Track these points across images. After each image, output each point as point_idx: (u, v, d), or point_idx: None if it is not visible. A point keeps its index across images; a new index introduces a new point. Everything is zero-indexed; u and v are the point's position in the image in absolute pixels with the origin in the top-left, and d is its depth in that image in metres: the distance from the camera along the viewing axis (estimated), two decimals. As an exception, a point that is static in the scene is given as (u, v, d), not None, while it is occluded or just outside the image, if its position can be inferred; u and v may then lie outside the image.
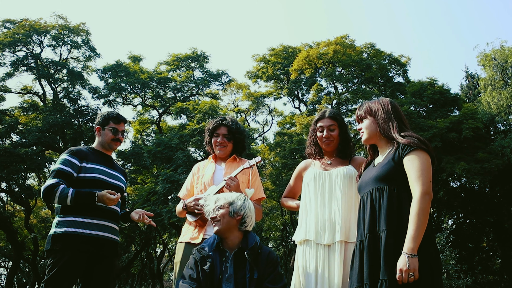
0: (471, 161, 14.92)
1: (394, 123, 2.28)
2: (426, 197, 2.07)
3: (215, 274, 2.48)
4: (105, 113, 3.20)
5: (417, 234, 2.02)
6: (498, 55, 16.64)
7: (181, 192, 3.36)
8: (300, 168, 2.99)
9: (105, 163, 3.10)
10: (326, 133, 2.79)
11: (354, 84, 19.53)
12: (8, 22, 17.98)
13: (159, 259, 25.77)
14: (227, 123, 3.28)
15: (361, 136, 2.43)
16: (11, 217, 18.93)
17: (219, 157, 3.32)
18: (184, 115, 18.63)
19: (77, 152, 3.01)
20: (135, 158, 18.34)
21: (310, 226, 2.68)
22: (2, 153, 15.58)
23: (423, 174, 2.10)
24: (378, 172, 2.23)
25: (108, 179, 3.03)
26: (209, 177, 3.18)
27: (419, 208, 2.05)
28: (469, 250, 20.01)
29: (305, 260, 2.63)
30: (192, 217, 3.07)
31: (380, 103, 2.37)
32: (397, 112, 2.34)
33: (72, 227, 2.80)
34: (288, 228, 23.83)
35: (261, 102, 21.31)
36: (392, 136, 2.27)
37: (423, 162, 2.13)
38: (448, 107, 17.62)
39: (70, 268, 2.73)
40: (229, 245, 2.58)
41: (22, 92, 19.23)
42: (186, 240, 3.07)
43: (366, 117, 2.39)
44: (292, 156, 16.70)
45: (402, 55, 20.28)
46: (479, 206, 19.12)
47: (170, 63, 20.71)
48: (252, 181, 3.20)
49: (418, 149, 2.16)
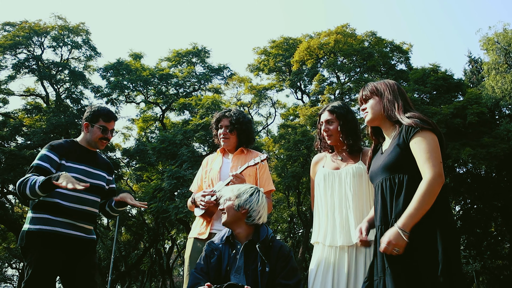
0: (477, 146, 14.85)
1: (400, 103, 2.22)
2: (438, 180, 1.97)
3: (222, 267, 2.48)
4: (95, 109, 3.02)
5: (416, 213, 1.94)
6: (501, 39, 16.50)
7: (193, 187, 3.36)
8: (313, 164, 2.94)
9: (87, 161, 2.95)
10: (325, 127, 2.77)
11: (357, 73, 19.46)
12: (8, 25, 18.01)
13: (168, 255, 25.93)
14: (229, 115, 3.25)
15: (364, 117, 2.35)
16: (19, 219, 19.07)
17: (227, 150, 3.31)
18: (187, 111, 18.64)
19: (57, 148, 2.87)
20: (140, 156, 18.39)
21: (321, 228, 2.65)
22: (8, 155, 15.67)
23: (432, 156, 2.01)
24: (386, 161, 2.16)
25: (87, 179, 2.88)
26: (216, 172, 3.18)
27: (427, 189, 1.96)
28: (477, 235, 19.99)
29: (315, 262, 2.60)
30: (199, 211, 3.07)
31: (386, 84, 2.32)
32: (402, 93, 2.28)
33: (47, 225, 2.70)
34: (295, 220, 23.87)
35: (263, 94, 21.27)
36: (396, 117, 2.19)
37: (430, 142, 2.04)
38: (451, 93, 17.51)
39: (48, 266, 2.66)
40: (239, 238, 2.57)
41: (25, 94, 19.30)
42: (194, 236, 3.08)
43: (371, 97, 2.32)
44: (296, 147, 16.69)
45: (404, 42, 20.23)
46: (486, 191, 19.05)
47: (171, 59, 20.69)
48: (260, 174, 3.17)
49: (423, 129, 2.07)
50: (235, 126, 3.22)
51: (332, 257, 2.53)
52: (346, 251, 2.51)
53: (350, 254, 2.50)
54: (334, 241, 2.55)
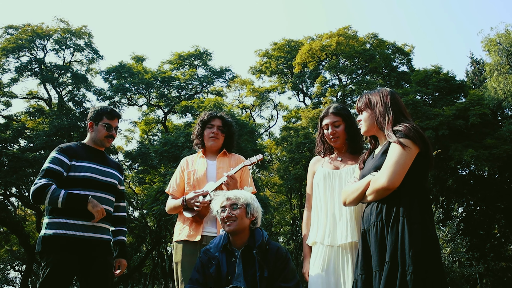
0: (479, 148, 14.81)
1: (391, 116, 2.24)
2: (386, 191, 2.08)
3: (222, 275, 2.46)
4: (99, 108, 3.07)
5: (353, 190, 2.24)
6: (503, 40, 16.47)
7: (170, 188, 3.29)
8: (311, 164, 2.92)
9: (96, 159, 2.98)
10: (332, 130, 2.74)
11: (358, 75, 19.46)
12: (10, 28, 18.07)
13: (170, 257, 25.91)
14: (221, 116, 3.31)
15: (359, 128, 2.43)
16: (22, 221, 19.10)
17: (209, 151, 3.30)
18: (189, 114, 18.65)
19: (67, 150, 2.91)
20: (142, 158, 18.40)
21: (319, 227, 2.63)
22: (10, 158, 15.71)
23: (395, 167, 2.07)
24: (375, 164, 2.23)
25: (100, 177, 2.92)
26: (202, 173, 3.15)
27: (372, 190, 2.13)
28: (481, 237, 19.90)
29: (315, 263, 2.58)
30: (189, 213, 3.02)
31: (379, 94, 2.33)
32: (396, 103, 2.29)
33: (62, 229, 2.73)
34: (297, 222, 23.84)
35: (265, 97, 21.30)
36: (385, 131, 2.24)
37: (401, 154, 2.08)
38: (454, 94, 17.48)
39: (63, 269, 2.69)
40: (237, 244, 2.56)
41: (28, 97, 19.36)
42: (183, 239, 3.03)
43: (365, 110, 2.37)
44: (299, 150, 16.69)
45: (406, 43, 20.20)
46: (489, 192, 18.99)
47: (173, 62, 20.72)
48: (243, 176, 3.18)
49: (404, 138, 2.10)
50: (228, 128, 3.29)
51: (332, 257, 2.52)
52: (346, 251, 2.50)
53: (349, 253, 2.49)
54: (334, 240, 2.53)
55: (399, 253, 1.98)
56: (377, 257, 2.06)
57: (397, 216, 2.05)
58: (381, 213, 2.11)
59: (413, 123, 2.22)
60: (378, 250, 2.07)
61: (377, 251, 2.07)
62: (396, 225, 2.04)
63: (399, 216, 2.04)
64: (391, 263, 1.98)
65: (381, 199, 2.13)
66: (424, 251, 1.96)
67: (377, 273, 2.03)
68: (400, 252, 1.97)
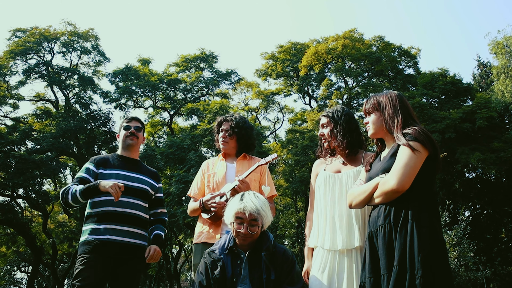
0: (486, 151, 14.72)
1: (400, 118, 2.24)
2: (395, 194, 2.07)
3: (227, 278, 2.45)
4: (121, 121, 3.32)
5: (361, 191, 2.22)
6: (510, 42, 16.39)
7: (192, 191, 3.36)
8: (315, 166, 2.93)
9: (127, 167, 3.14)
10: (321, 131, 2.80)
11: (364, 78, 19.42)
12: (18, 31, 18.26)
13: (176, 259, 25.93)
14: (230, 119, 3.29)
15: (367, 130, 2.41)
16: (29, 223, 19.21)
17: (228, 155, 3.31)
18: (195, 116, 18.71)
19: (96, 159, 3.13)
20: (148, 160, 18.44)
21: (320, 231, 2.63)
22: (18, 160, 15.83)
23: (404, 169, 2.06)
24: (383, 167, 2.22)
25: (127, 183, 3.01)
26: (221, 176, 3.18)
27: (381, 191, 2.12)
28: (488, 241, 19.75)
29: (316, 267, 2.57)
30: (206, 214, 3.07)
31: (388, 97, 2.33)
32: (404, 106, 2.30)
33: (92, 234, 2.89)
34: (303, 225, 23.77)
35: (271, 99, 21.30)
36: (394, 134, 2.24)
37: (411, 157, 2.07)
38: (460, 97, 17.40)
39: (91, 271, 2.77)
40: (244, 246, 2.54)
41: (35, 99, 19.52)
42: (202, 241, 3.06)
43: (373, 112, 2.36)
44: (304, 152, 16.67)
45: (412, 46, 20.13)
46: (496, 196, 18.85)
47: (179, 65, 20.80)
48: (262, 175, 3.19)
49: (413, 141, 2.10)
50: (235, 130, 3.24)
51: (332, 262, 2.51)
52: (346, 255, 2.49)
53: (350, 258, 2.48)
54: (334, 245, 2.52)
55: (407, 256, 1.97)
56: (385, 260, 2.05)
57: (406, 219, 2.04)
58: (389, 216, 2.10)
59: (422, 126, 2.22)
60: (386, 253, 2.06)
61: (385, 254, 2.06)
62: (405, 228, 2.03)
63: (408, 219, 2.04)
64: (400, 266, 1.97)
65: (389, 202, 2.12)
66: (433, 255, 1.95)
67: (385, 276, 2.02)
68: (409, 256, 1.97)
